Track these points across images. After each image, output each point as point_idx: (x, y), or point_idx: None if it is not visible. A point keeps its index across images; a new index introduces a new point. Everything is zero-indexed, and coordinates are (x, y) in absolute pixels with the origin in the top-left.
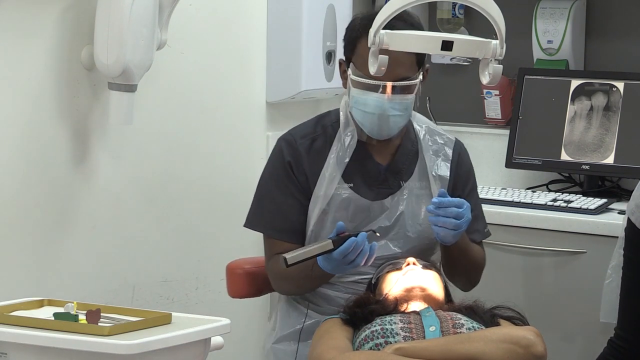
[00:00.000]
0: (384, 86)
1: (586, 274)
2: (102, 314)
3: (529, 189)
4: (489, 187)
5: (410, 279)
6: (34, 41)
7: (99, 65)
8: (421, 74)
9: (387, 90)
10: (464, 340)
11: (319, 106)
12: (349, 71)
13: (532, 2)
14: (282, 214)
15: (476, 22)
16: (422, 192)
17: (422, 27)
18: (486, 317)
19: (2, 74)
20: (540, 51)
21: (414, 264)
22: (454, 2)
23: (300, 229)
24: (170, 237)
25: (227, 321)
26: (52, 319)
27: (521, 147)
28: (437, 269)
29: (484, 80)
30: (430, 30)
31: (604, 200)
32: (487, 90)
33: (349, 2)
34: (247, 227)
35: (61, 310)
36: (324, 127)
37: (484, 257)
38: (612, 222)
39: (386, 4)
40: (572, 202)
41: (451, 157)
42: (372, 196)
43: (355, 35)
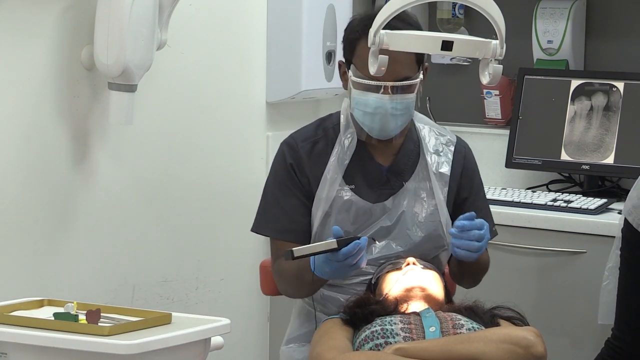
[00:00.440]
0: (385, 86)
1: (586, 274)
2: (102, 314)
3: (529, 189)
4: (489, 187)
5: (410, 279)
6: (34, 41)
7: (99, 65)
8: (421, 72)
9: (388, 90)
10: (463, 340)
11: (319, 106)
12: (349, 73)
13: (532, 2)
14: (286, 215)
15: (476, 22)
16: (424, 192)
17: (420, 28)
18: (486, 317)
19: (2, 74)
20: (540, 51)
21: (413, 263)
22: (454, 2)
23: (305, 229)
24: (170, 237)
25: (227, 321)
26: (52, 319)
27: (521, 147)
28: (438, 269)
29: (484, 80)
30: (430, 30)
31: (604, 200)
32: (487, 90)
33: (349, 2)
34: (254, 231)
35: (61, 310)
36: (325, 130)
37: (489, 259)
38: (612, 222)
39: (386, 4)
40: (572, 202)
41: (453, 156)
42: (374, 197)
43: (354, 36)
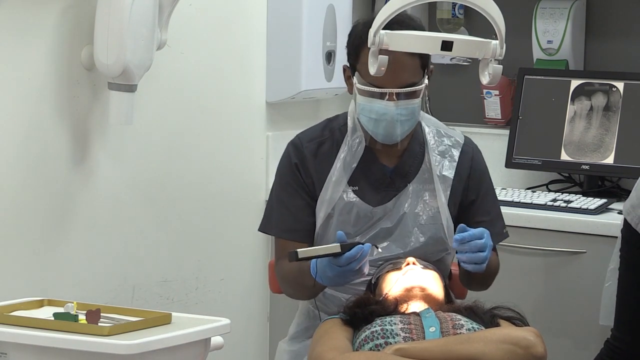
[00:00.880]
0: (390, 93)
1: (586, 274)
2: (102, 314)
3: (528, 189)
4: None
5: (410, 279)
6: (34, 41)
7: (99, 65)
8: (426, 77)
9: (393, 97)
10: (463, 340)
11: (319, 106)
12: (354, 79)
13: (532, 2)
14: (291, 214)
15: (476, 22)
16: (427, 193)
17: (423, 29)
18: (486, 317)
19: (2, 74)
20: (540, 51)
21: (413, 263)
22: (454, 2)
23: (310, 228)
24: (170, 237)
25: (227, 321)
26: (52, 319)
27: (521, 147)
28: (438, 269)
29: (484, 80)
30: (430, 30)
31: (604, 200)
32: (487, 90)
33: (349, 2)
34: (261, 231)
35: (61, 310)
36: (332, 131)
37: (498, 262)
38: (612, 222)
39: (386, 4)
40: (572, 202)
41: (459, 158)
42: (378, 198)
43: (357, 42)
